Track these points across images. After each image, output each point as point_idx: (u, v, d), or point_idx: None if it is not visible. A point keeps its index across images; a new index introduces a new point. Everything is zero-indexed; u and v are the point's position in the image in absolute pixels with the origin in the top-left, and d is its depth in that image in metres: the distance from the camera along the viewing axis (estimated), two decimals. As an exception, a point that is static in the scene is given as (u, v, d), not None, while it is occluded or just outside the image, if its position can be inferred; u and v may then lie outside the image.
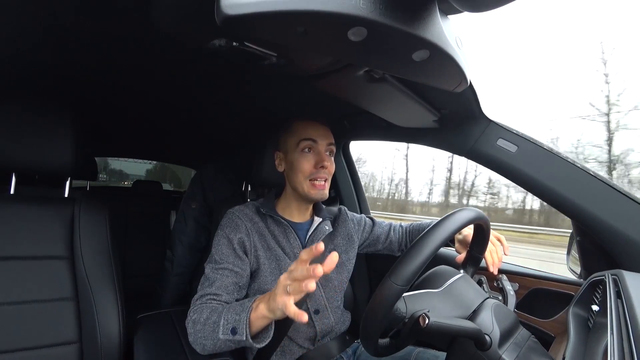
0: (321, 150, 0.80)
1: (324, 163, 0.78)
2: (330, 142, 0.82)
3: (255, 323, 0.61)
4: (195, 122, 1.39)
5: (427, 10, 0.38)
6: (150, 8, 0.49)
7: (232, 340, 0.62)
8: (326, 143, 0.81)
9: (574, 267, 0.87)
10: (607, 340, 0.43)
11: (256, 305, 0.61)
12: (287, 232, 0.83)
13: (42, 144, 0.78)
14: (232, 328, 0.61)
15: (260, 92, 0.93)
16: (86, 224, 0.84)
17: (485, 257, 0.74)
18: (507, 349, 0.53)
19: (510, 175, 0.80)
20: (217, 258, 0.76)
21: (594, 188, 0.72)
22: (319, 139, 0.80)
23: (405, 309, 0.54)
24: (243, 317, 0.61)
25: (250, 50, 0.53)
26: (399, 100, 0.75)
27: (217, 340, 0.63)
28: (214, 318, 0.65)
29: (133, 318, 0.89)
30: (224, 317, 0.63)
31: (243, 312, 0.61)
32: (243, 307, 0.63)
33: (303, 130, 0.81)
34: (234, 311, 0.63)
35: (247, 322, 0.60)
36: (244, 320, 0.60)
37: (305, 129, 0.81)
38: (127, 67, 0.80)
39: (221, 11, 0.32)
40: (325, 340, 0.85)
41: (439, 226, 0.55)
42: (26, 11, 0.54)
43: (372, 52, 0.42)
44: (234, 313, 0.63)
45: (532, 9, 16.60)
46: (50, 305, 0.77)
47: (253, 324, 0.61)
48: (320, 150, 0.80)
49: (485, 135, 0.83)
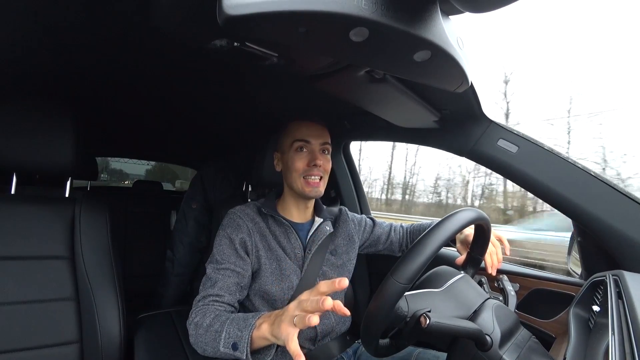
0: (315, 149, 0.81)
1: (316, 161, 0.79)
2: (324, 142, 0.82)
3: (257, 342, 0.60)
4: (196, 122, 1.39)
5: (429, 10, 0.38)
6: (150, 8, 0.49)
7: (232, 355, 0.61)
8: (320, 142, 0.82)
9: (575, 267, 0.87)
10: (608, 341, 0.43)
11: (259, 324, 0.60)
12: (289, 233, 0.83)
13: (43, 144, 0.78)
14: (233, 343, 0.60)
15: (261, 93, 0.94)
16: (87, 224, 0.84)
17: (484, 258, 0.74)
18: (508, 349, 0.53)
19: (511, 176, 0.80)
20: (219, 258, 0.76)
21: (594, 188, 0.72)
22: (312, 139, 0.81)
23: (407, 308, 0.54)
24: (245, 335, 0.59)
25: (251, 50, 0.53)
26: (400, 101, 0.75)
27: (217, 351, 0.63)
28: (216, 326, 0.64)
29: (133, 318, 0.89)
30: (226, 330, 0.62)
31: (245, 330, 0.60)
32: (246, 324, 0.61)
33: (297, 131, 0.81)
34: (236, 326, 0.62)
35: (249, 341, 0.59)
36: (246, 338, 0.59)
37: (299, 129, 0.82)
38: (128, 68, 0.80)
39: (223, 11, 0.32)
40: (325, 341, 0.85)
41: (441, 226, 0.55)
42: (27, 12, 0.54)
43: (374, 52, 0.42)
44: (236, 328, 0.62)
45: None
46: (51, 305, 0.77)
47: (254, 342, 0.60)
48: (314, 149, 0.81)
49: (485, 136, 0.83)
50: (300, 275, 0.80)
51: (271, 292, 0.77)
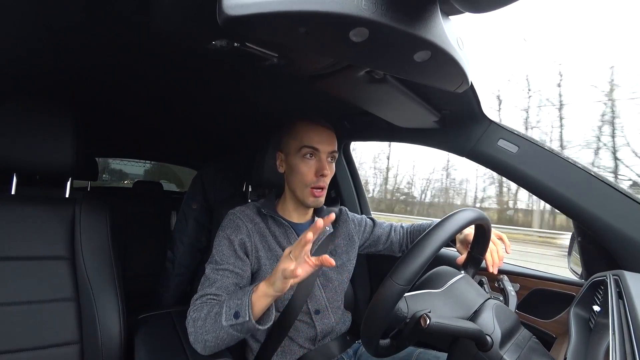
0: (323, 158, 0.79)
1: (324, 172, 0.77)
2: (333, 150, 0.80)
3: (257, 304, 0.62)
4: (196, 122, 1.39)
5: (429, 11, 0.38)
6: (151, 9, 0.49)
7: (235, 325, 0.62)
8: (329, 151, 0.80)
9: (575, 267, 0.87)
10: (608, 341, 0.43)
11: (256, 287, 0.63)
12: (288, 233, 0.83)
13: (43, 145, 0.78)
14: (235, 312, 0.63)
15: (261, 93, 0.93)
16: (87, 225, 0.84)
17: (485, 257, 0.74)
18: (509, 349, 0.53)
19: (511, 176, 0.80)
20: (218, 259, 0.76)
21: (594, 188, 0.71)
22: (322, 147, 0.78)
23: (407, 309, 0.54)
24: (245, 300, 0.62)
25: (251, 50, 0.53)
26: (400, 101, 0.74)
27: (219, 331, 0.64)
28: (215, 310, 0.66)
29: (134, 318, 0.89)
30: (226, 305, 0.65)
31: (245, 296, 0.63)
32: (244, 291, 0.65)
33: (306, 136, 0.78)
34: (235, 297, 0.65)
35: (249, 304, 0.62)
36: (246, 302, 0.62)
37: (308, 135, 0.79)
38: (128, 68, 0.80)
39: (223, 12, 0.32)
40: (325, 341, 0.85)
41: (441, 226, 0.55)
42: (27, 13, 0.54)
43: (374, 52, 0.42)
44: (235, 299, 0.65)
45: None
46: (51, 306, 0.77)
47: (255, 305, 0.62)
48: (322, 157, 0.79)
49: (486, 136, 0.82)
50: None
51: None
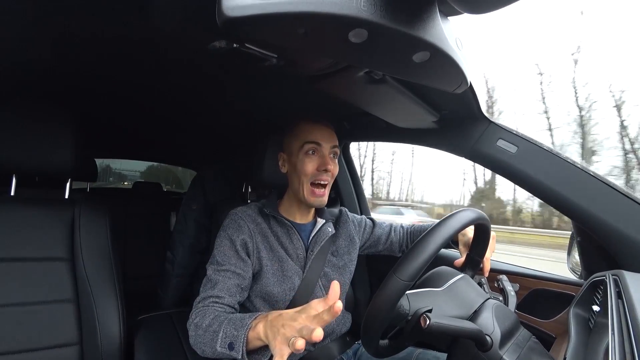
0: (325, 153, 0.79)
1: (327, 166, 0.78)
2: (334, 145, 0.81)
3: (253, 342, 0.59)
4: (196, 123, 1.39)
5: (428, 12, 0.38)
6: (150, 10, 0.49)
7: (228, 355, 0.61)
8: (330, 146, 0.81)
9: (575, 267, 0.87)
10: (608, 341, 0.43)
11: (255, 325, 0.59)
12: (291, 234, 0.83)
13: (42, 146, 0.78)
14: (230, 343, 0.61)
15: (260, 94, 0.94)
16: (86, 226, 0.84)
17: (483, 261, 0.73)
18: (508, 349, 0.53)
19: (510, 176, 0.80)
20: (220, 259, 0.76)
21: (594, 188, 0.72)
22: (323, 142, 0.79)
23: (409, 307, 0.54)
24: (241, 335, 0.59)
25: (250, 51, 0.53)
26: (399, 101, 0.75)
27: (215, 351, 0.63)
28: (214, 327, 0.64)
29: (133, 319, 0.89)
30: (223, 330, 0.62)
31: (242, 329, 0.60)
32: (242, 324, 0.61)
33: (307, 133, 0.79)
34: (233, 326, 0.62)
35: (244, 340, 0.59)
36: (242, 338, 0.59)
37: (309, 131, 0.80)
38: (128, 69, 0.80)
39: (222, 13, 0.32)
40: (326, 342, 0.85)
41: (442, 225, 0.55)
42: (27, 14, 0.54)
43: (373, 53, 0.42)
44: (233, 328, 0.62)
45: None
46: (51, 307, 0.77)
47: (250, 342, 0.59)
48: (325, 153, 0.79)
49: (485, 136, 0.83)
50: (302, 276, 0.80)
51: (273, 293, 0.77)
